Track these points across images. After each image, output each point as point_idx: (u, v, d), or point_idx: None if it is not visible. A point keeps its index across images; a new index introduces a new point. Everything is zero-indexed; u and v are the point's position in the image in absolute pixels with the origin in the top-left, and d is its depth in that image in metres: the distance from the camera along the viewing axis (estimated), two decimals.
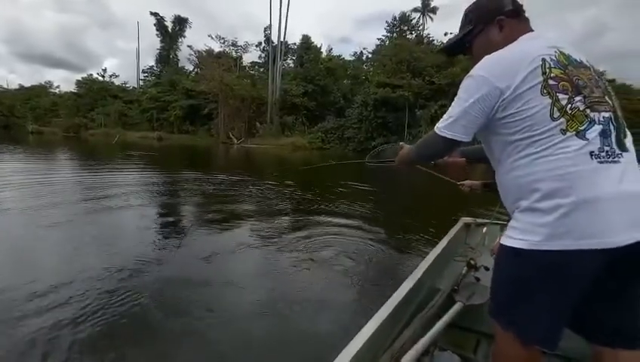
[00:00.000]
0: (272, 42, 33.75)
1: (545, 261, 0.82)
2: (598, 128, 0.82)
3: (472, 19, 1.03)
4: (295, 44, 35.08)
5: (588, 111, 0.83)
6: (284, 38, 34.14)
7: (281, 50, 32.64)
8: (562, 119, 0.82)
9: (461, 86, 0.93)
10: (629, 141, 0.87)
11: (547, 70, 0.84)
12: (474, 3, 1.05)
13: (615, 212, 0.78)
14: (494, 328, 0.97)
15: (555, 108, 0.82)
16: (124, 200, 5.53)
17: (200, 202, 6.04)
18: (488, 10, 0.99)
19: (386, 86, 23.00)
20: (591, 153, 0.81)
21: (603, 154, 0.81)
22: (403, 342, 1.26)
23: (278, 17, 34.88)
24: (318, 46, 34.49)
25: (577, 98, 0.83)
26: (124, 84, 46.03)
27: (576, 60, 0.89)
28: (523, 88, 0.83)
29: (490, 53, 0.91)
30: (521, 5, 1.00)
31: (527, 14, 1.01)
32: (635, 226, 0.79)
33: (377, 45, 30.77)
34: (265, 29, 35.67)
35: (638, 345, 0.88)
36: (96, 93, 40.99)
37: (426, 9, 35.94)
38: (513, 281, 0.90)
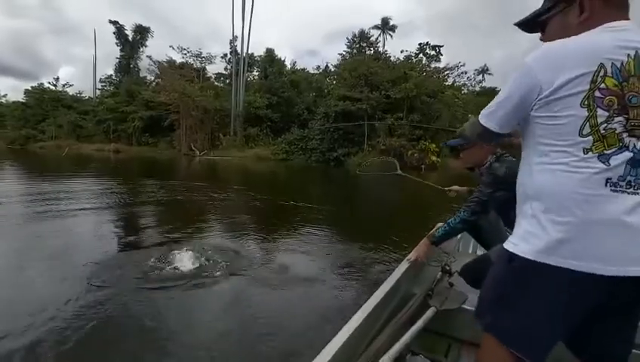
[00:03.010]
0: (238, 54, 33.90)
1: (537, 273, 0.82)
2: (627, 156, 0.76)
3: None
4: (261, 56, 35.44)
5: (624, 135, 0.76)
6: (248, 51, 34.43)
7: (244, 62, 32.84)
8: (590, 138, 0.76)
9: (512, 74, 0.86)
10: None
11: (599, 79, 0.75)
12: None
13: (616, 241, 0.76)
14: (476, 339, 0.96)
15: (588, 125, 0.76)
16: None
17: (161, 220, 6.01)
18: None
19: (346, 99, 23.88)
20: (607, 179, 0.77)
21: (623, 183, 0.76)
22: (377, 347, 1.25)
23: (241, 29, 35.12)
24: (283, 59, 35.18)
25: (618, 118, 0.76)
26: (79, 93, 43.90)
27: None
28: (564, 92, 0.76)
29: (562, 38, 0.81)
30: None
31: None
32: (636, 261, 0.77)
33: (338, 60, 31.89)
34: (231, 40, 35.79)
35: None
36: (47, 103, 38.68)
37: (386, 27, 37.98)
38: (500, 284, 0.91)
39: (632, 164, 0.77)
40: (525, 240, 0.85)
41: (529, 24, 0.98)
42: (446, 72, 27.78)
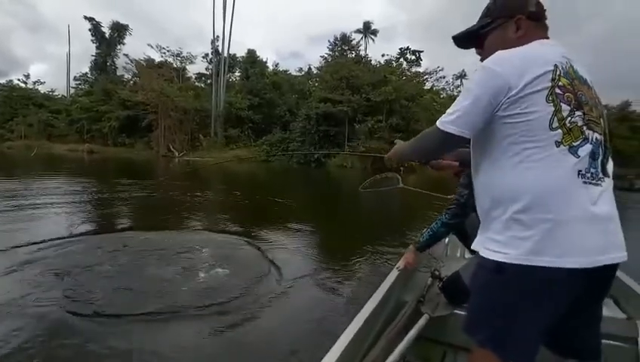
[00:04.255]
0: (220, 54, 33.54)
1: (526, 276, 0.81)
2: (588, 148, 0.83)
3: (492, 12, 1.00)
4: (243, 57, 35.18)
5: (584, 128, 0.83)
6: (229, 51, 34.14)
7: (225, 62, 32.51)
8: (559, 131, 0.81)
9: (471, 79, 0.90)
10: (610, 167, 0.88)
11: (557, 77, 0.82)
12: None
13: (590, 232, 0.80)
14: (471, 345, 0.93)
15: (556, 119, 0.81)
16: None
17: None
18: (510, 6, 0.97)
19: (327, 101, 24.08)
20: (579, 172, 0.81)
21: (588, 175, 0.82)
22: (372, 358, 1.24)
23: (222, 29, 34.78)
24: (265, 60, 35.07)
25: (577, 113, 0.83)
26: (52, 91, 42.30)
27: (582, 77, 0.88)
28: (530, 90, 0.81)
29: (501, 50, 0.88)
30: (544, 11, 0.97)
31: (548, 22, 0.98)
32: (606, 248, 0.81)
33: (321, 62, 32.13)
34: (212, 40, 35.33)
35: (598, 357, 0.94)
36: (16, 100, 36.94)
37: (368, 31, 38.59)
38: (492, 296, 0.87)
39: (592, 155, 0.83)
40: (510, 245, 0.82)
41: (465, 39, 1.08)
42: (425, 77, 28.56)
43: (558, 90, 0.82)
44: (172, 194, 8.07)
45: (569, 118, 0.81)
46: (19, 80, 40.83)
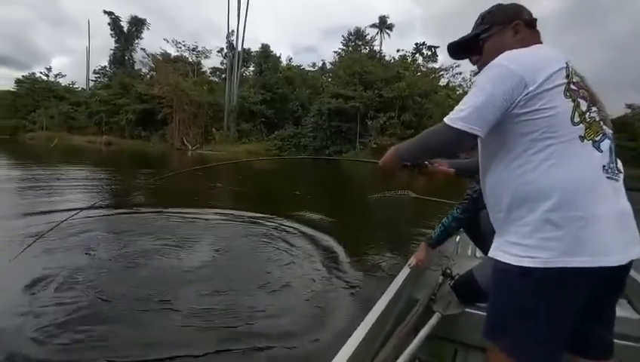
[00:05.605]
0: (234, 49, 33.84)
1: (557, 279, 0.77)
2: (608, 143, 0.83)
3: (488, 20, 1.02)
4: (257, 51, 35.38)
5: (601, 123, 0.83)
6: (243, 46, 34.35)
7: (239, 57, 32.75)
8: (581, 125, 0.80)
9: (482, 76, 0.87)
10: (620, 163, 0.88)
11: (570, 74, 0.83)
12: (492, 7, 1.04)
13: (619, 228, 0.79)
14: (483, 344, 0.92)
15: (577, 113, 0.80)
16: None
17: None
18: (507, 13, 0.99)
19: (339, 97, 24.00)
20: (603, 166, 0.80)
21: (610, 170, 0.81)
22: (384, 357, 1.23)
23: (237, 24, 34.97)
24: (278, 55, 35.13)
25: (594, 108, 0.83)
26: (72, 84, 43.46)
27: (584, 77, 0.89)
28: (547, 86, 0.80)
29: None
30: (535, 20, 1.00)
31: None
32: (632, 244, 0.81)
33: (334, 57, 31.98)
34: (227, 35, 35.64)
35: (610, 355, 0.92)
36: (38, 93, 38.20)
37: (383, 25, 38.11)
38: (517, 301, 0.83)
39: (610, 151, 0.83)
40: (539, 248, 0.78)
41: (462, 46, 1.08)
42: (441, 72, 28.02)
43: (573, 87, 0.82)
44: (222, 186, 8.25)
45: (588, 113, 0.81)
46: (41, 73, 42.15)
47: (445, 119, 0.87)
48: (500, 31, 0.98)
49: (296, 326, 2.21)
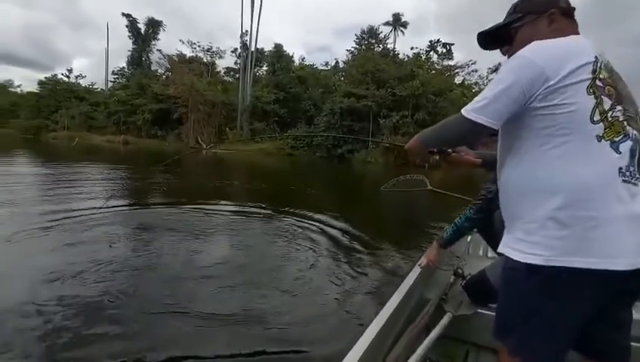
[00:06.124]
0: (248, 49, 34.18)
1: (562, 278, 0.77)
2: (629, 144, 0.79)
3: (521, 8, 0.96)
4: (270, 51, 35.65)
5: (625, 124, 0.79)
6: (256, 46, 34.62)
7: (252, 57, 33.04)
8: (601, 124, 0.77)
9: (504, 67, 0.85)
10: None
11: (597, 69, 0.79)
12: None
13: (631, 233, 0.76)
14: (495, 345, 0.91)
15: (597, 111, 0.77)
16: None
17: None
18: (542, 1, 0.93)
19: (351, 96, 23.88)
20: (619, 169, 0.77)
21: (628, 173, 0.78)
22: (395, 356, 1.23)
23: (250, 24, 35.30)
24: (291, 54, 35.26)
25: (618, 107, 0.80)
26: (92, 85, 44.80)
27: (618, 73, 0.86)
28: (570, 80, 0.77)
29: None
30: (574, 8, 0.93)
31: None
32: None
33: (347, 56, 31.88)
34: (241, 35, 36.03)
35: (626, 359, 0.90)
36: (60, 94, 39.52)
37: (397, 23, 37.73)
38: (524, 300, 0.83)
39: (632, 153, 0.79)
40: (544, 245, 0.78)
41: (492, 36, 1.03)
42: (456, 70, 27.51)
43: (599, 83, 0.79)
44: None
45: (610, 112, 0.78)
46: (62, 74, 43.59)
47: (462, 110, 0.86)
48: (534, 20, 0.94)
49: (315, 331, 2.17)
